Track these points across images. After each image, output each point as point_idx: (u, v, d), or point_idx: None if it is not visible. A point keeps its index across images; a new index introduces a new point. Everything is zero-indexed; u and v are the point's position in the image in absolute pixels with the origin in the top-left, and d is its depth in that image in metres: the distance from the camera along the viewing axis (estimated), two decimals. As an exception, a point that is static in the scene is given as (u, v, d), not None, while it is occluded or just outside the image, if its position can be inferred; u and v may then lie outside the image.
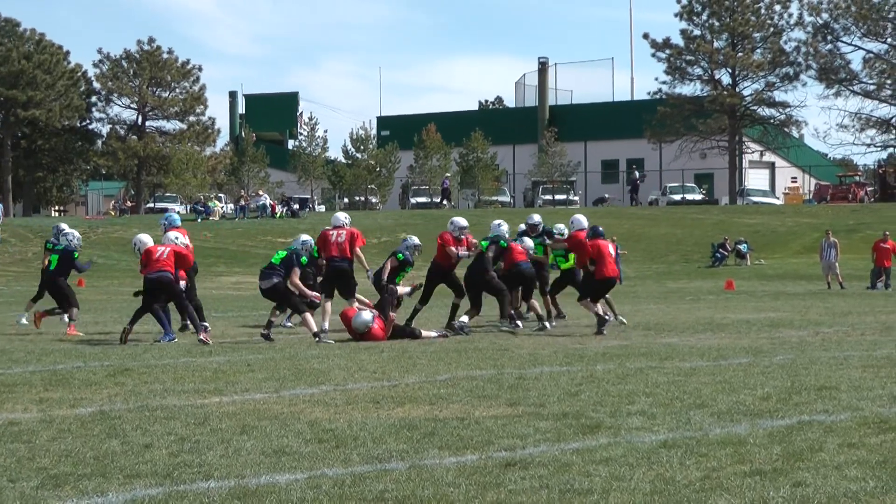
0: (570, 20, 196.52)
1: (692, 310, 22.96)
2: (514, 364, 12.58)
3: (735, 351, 13.80)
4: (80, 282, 35.01)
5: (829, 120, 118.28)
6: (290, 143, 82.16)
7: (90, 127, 78.98)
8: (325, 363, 12.78)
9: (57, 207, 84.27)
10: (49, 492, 6.42)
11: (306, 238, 16.80)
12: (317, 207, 67.31)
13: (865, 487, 6.30)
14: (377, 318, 16.14)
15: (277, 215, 61.25)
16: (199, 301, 17.28)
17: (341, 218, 17.93)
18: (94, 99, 78.09)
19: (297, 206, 62.15)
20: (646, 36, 67.01)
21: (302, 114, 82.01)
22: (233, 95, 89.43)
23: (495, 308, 18.12)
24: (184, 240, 16.70)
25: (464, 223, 18.00)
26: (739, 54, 65.63)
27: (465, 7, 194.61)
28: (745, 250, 44.03)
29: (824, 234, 36.35)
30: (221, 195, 71.79)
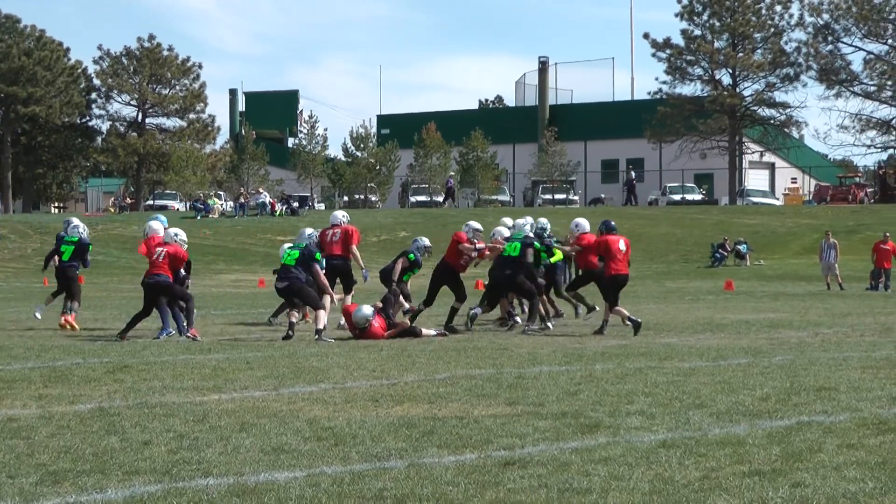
0: (571, 19, 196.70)
1: (691, 310, 22.95)
2: (514, 363, 12.58)
3: (734, 351, 13.80)
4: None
5: (829, 121, 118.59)
6: (290, 141, 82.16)
7: (90, 124, 78.98)
8: (324, 361, 12.78)
9: (56, 204, 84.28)
10: (48, 488, 6.42)
11: (311, 231, 16.78)
12: (316, 205, 67.27)
13: (864, 488, 6.30)
14: (378, 316, 16.13)
15: (277, 213, 61.24)
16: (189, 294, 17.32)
17: (339, 216, 18.04)
18: (94, 96, 78.04)
19: (296, 204, 62.14)
20: (646, 36, 67.09)
21: (302, 112, 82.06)
22: (233, 93, 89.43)
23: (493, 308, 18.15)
24: (183, 236, 16.75)
25: (478, 226, 18.08)
26: (740, 54, 65.62)
27: (466, 6, 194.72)
28: (745, 251, 44.02)
29: (824, 235, 36.34)
30: (221, 193, 71.73)
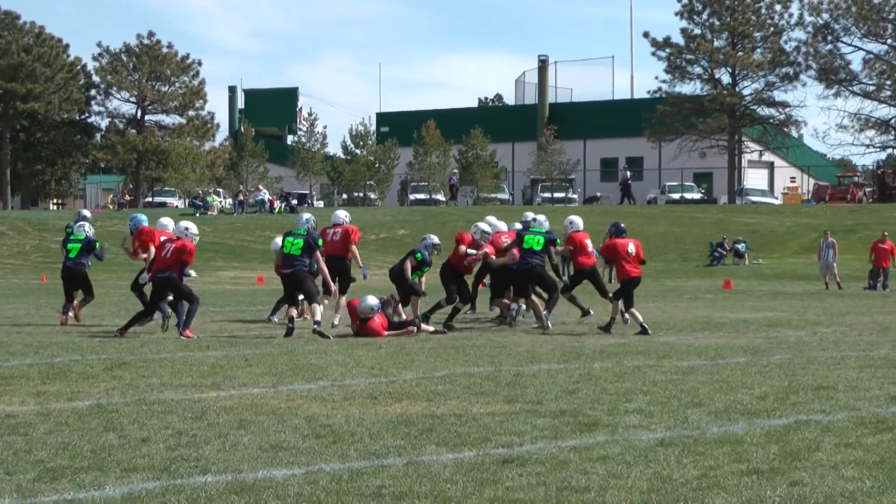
0: (571, 18, 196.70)
1: (690, 309, 22.97)
2: (512, 361, 12.58)
3: (732, 350, 13.80)
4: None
5: (828, 120, 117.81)
6: (290, 139, 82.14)
7: (89, 120, 78.94)
8: (322, 359, 12.78)
9: (55, 201, 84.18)
10: (46, 485, 6.42)
11: (309, 216, 17.11)
12: (315, 203, 67.25)
13: (862, 487, 6.31)
14: (380, 314, 16.16)
15: (276, 211, 61.23)
16: None
17: (341, 216, 18.19)
18: (93, 92, 77.97)
19: (295, 202, 62.14)
20: (646, 34, 67.02)
21: (301, 109, 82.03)
22: (232, 90, 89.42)
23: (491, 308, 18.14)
24: (194, 230, 16.77)
25: (488, 229, 18.02)
26: (739, 54, 65.58)
27: (466, 4, 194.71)
28: (744, 250, 44.01)
29: (822, 235, 36.34)
30: (220, 190, 71.74)
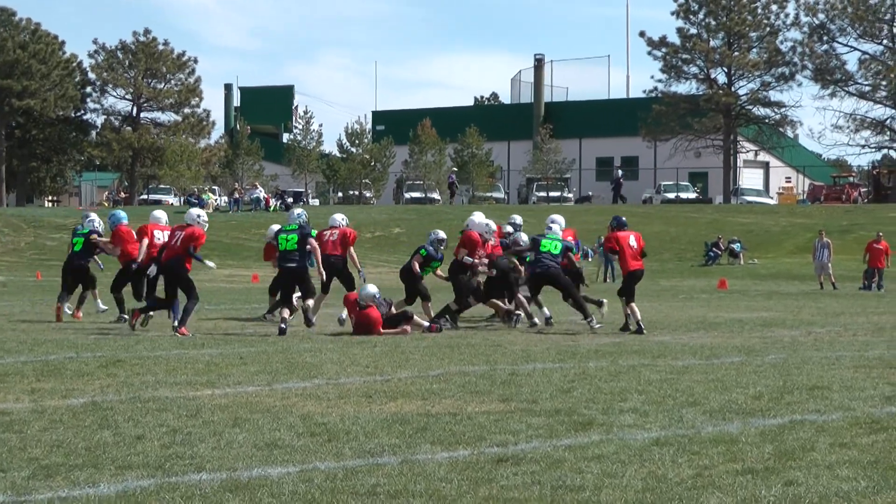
0: (567, 17, 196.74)
1: (685, 308, 22.98)
2: (507, 360, 12.58)
3: (727, 350, 13.81)
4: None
5: (823, 120, 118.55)
6: (285, 137, 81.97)
7: (85, 117, 78.75)
8: (317, 357, 12.78)
9: (50, 198, 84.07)
10: (40, 482, 6.41)
11: (300, 211, 17.52)
12: (311, 201, 67.23)
13: (857, 487, 6.31)
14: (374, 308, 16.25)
15: (271, 208, 61.20)
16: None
17: (338, 219, 18.28)
18: (88, 89, 77.80)
19: (291, 200, 62.10)
20: (642, 34, 67.05)
21: (297, 107, 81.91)
22: (228, 88, 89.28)
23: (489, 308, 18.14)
24: (205, 217, 16.76)
25: (492, 223, 18.05)
26: (735, 53, 65.62)
27: (462, 3, 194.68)
28: (739, 249, 44.08)
29: (817, 235, 36.37)
30: (215, 188, 71.66)
